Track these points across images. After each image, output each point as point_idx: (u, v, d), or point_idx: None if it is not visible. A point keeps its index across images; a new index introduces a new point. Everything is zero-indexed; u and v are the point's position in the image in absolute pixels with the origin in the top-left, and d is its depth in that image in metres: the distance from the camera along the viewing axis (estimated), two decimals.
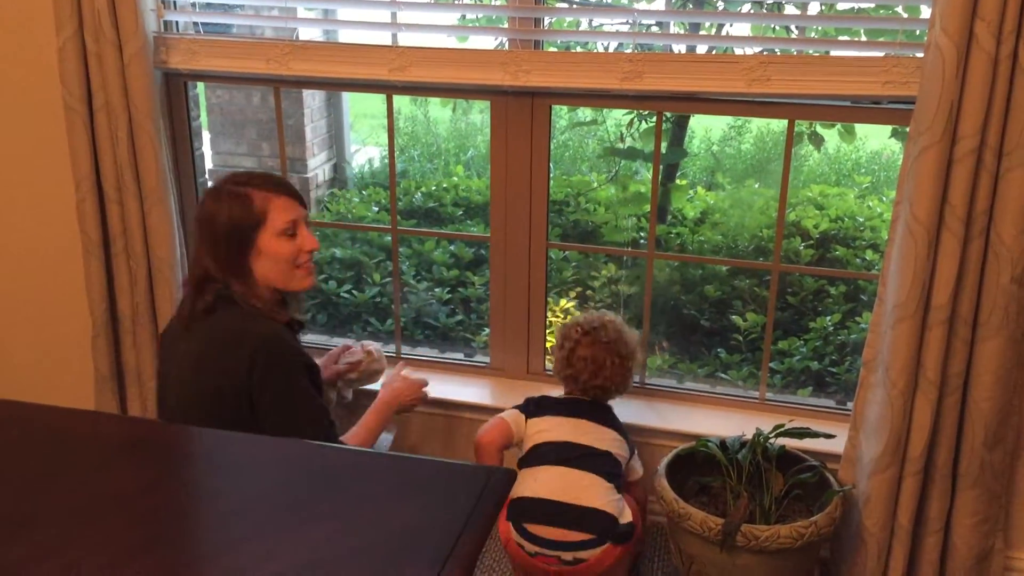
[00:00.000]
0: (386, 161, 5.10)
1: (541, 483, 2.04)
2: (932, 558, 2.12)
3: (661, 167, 3.94)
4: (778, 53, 2.07)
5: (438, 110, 5.57)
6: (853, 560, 2.15)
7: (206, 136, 5.14)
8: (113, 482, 1.27)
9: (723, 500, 2.12)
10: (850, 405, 2.22)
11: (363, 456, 1.39)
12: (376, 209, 4.29)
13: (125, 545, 1.15)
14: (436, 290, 3.70)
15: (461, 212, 4.26)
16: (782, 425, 2.11)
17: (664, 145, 3.84)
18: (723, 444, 2.14)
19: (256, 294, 1.89)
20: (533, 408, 2.18)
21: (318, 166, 5.00)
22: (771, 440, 2.12)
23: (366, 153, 5.55)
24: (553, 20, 2.27)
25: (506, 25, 2.26)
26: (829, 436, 2.11)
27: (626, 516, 2.03)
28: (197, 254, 1.91)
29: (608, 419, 2.17)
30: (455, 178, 4.67)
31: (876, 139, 5.12)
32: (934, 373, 1.96)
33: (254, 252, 1.86)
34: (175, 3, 2.44)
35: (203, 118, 5.22)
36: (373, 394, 2.23)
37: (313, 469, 1.33)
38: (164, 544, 1.17)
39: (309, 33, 2.95)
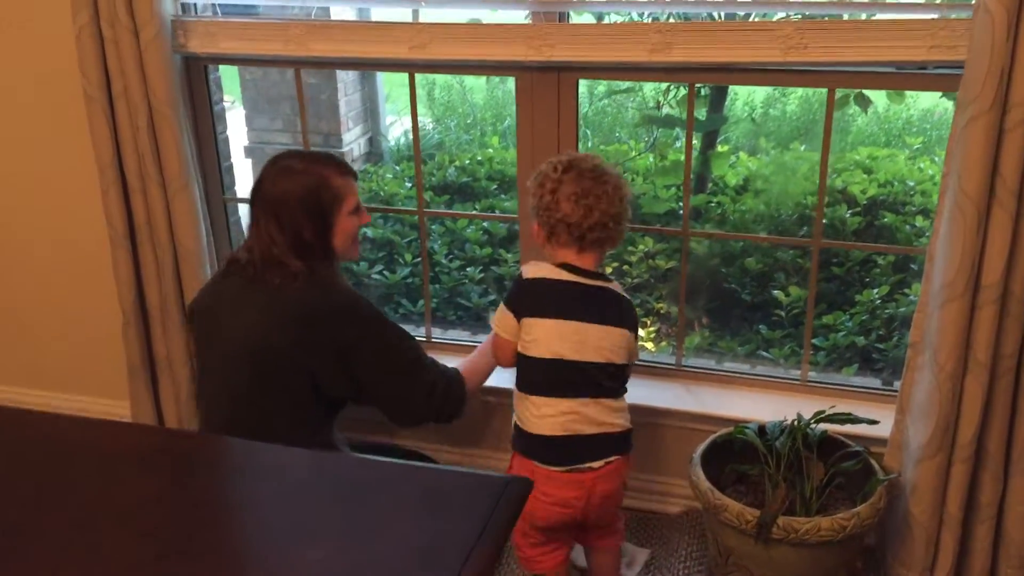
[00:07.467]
0: (423, 133, 5.05)
1: (545, 421, 1.87)
2: (984, 547, 2.02)
3: (701, 134, 3.82)
4: (817, 19, 1.96)
5: (474, 78, 5.47)
6: (900, 549, 2.06)
7: (240, 113, 5.12)
8: (117, 494, 1.24)
9: (762, 489, 2.04)
10: (897, 384, 2.12)
11: (373, 466, 1.35)
12: (409, 185, 4.23)
13: (127, 561, 1.12)
14: (468, 269, 3.63)
15: (495, 186, 4.18)
16: (823, 411, 2.02)
17: (703, 112, 3.71)
18: (761, 430, 2.06)
19: (335, 269, 2.01)
20: (526, 303, 1.91)
21: (353, 140, 4.96)
22: (812, 426, 2.03)
23: (402, 125, 5.48)
24: None
25: None
26: (872, 422, 2.02)
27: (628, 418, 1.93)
28: (270, 235, 1.93)
29: (616, 311, 1.90)
30: (490, 150, 4.59)
31: (928, 97, 4.91)
32: (984, 355, 1.86)
33: (335, 231, 1.97)
34: None
35: (237, 95, 5.19)
36: None
37: (323, 480, 1.28)
38: (169, 560, 1.13)
39: (333, 12, 2.90)
